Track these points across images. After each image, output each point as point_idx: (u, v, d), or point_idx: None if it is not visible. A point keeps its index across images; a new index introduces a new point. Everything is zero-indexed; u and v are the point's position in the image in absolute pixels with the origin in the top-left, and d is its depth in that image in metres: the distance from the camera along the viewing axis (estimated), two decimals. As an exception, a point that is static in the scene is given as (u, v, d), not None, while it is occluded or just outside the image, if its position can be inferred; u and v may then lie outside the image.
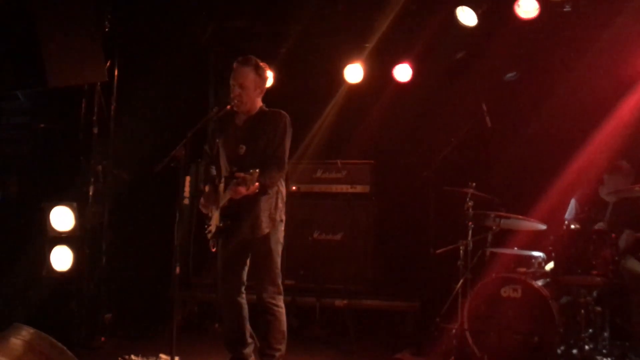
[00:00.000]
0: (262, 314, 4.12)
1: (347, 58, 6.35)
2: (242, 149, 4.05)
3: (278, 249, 4.14)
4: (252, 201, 4.01)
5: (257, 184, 3.85)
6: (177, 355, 3.89)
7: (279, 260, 4.15)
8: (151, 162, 4.17)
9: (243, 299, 4.22)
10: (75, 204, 5.15)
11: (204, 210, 4.25)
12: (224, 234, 4.10)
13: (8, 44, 5.01)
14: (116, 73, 5.67)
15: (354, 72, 6.38)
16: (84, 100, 5.46)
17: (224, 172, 4.14)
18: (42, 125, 5.67)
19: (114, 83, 5.66)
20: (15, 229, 5.54)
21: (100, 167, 5.51)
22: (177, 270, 3.97)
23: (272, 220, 4.09)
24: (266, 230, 4.06)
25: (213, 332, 5.85)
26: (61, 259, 5.12)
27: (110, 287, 5.67)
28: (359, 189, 6.27)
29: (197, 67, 6.71)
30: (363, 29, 6.17)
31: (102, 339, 5.37)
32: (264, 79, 4.14)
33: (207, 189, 4.23)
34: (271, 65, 6.32)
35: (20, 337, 3.69)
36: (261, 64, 4.14)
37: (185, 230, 6.19)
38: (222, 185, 4.10)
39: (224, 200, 4.03)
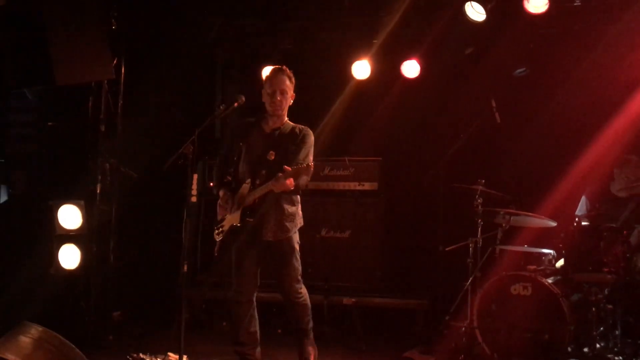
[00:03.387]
0: (291, 308, 4.33)
1: (354, 54, 6.32)
2: (272, 154, 4.21)
3: (297, 248, 4.33)
4: (276, 205, 4.19)
5: (292, 180, 4.01)
6: (185, 354, 3.88)
7: (299, 257, 4.33)
8: (158, 159, 4.16)
9: (254, 299, 4.33)
10: (82, 202, 5.15)
11: (220, 214, 4.32)
12: (238, 233, 4.17)
13: (16, 42, 5.02)
14: (123, 71, 5.66)
15: (361, 69, 6.34)
16: (91, 98, 5.46)
17: (246, 176, 4.23)
18: (49, 123, 5.68)
19: (121, 81, 5.66)
20: (23, 227, 5.55)
21: (107, 165, 5.51)
22: (185, 268, 3.96)
23: (295, 226, 4.30)
24: (290, 234, 4.25)
25: (221, 330, 5.84)
26: (69, 257, 5.12)
27: (118, 285, 5.67)
28: (367, 186, 6.24)
29: (204, 64, 6.70)
30: (371, 25, 6.15)
31: (110, 337, 5.38)
32: (294, 88, 4.35)
33: (221, 193, 4.32)
34: (278, 62, 6.32)
35: (29, 335, 3.70)
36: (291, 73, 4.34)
37: (193, 228, 6.18)
38: (246, 186, 4.18)
39: (251, 197, 4.13)
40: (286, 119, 4.38)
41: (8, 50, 5.05)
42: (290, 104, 4.36)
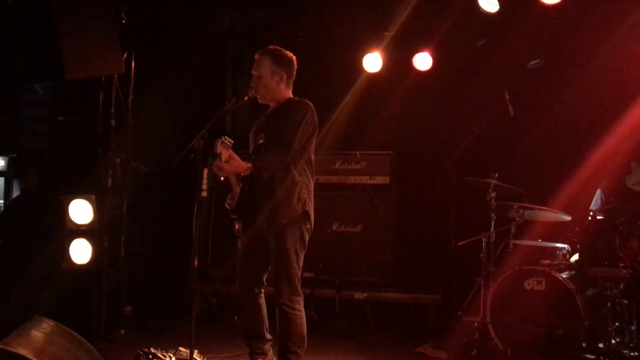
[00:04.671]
0: (279, 316, 3.92)
1: (366, 47, 6.28)
2: (262, 137, 3.95)
3: (296, 248, 3.87)
4: (268, 191, 3.86)
5: (249, 164, 3.74)
6: (195, 348, 3.88)
7: (297, 260, 3.88)
8: (169, 154, 4.15)
9: (261, 297, 4.07)
10: (93, 197, 5.16)
11: (229, 207, 4.07)
12: (242, 227, 3.98)
13: (26, 37, 5.03)
14: (133, 65, 5.66)
15: (373, 61, 6.30)
16: (101, 92, 5.46)
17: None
18: (60, 118, 5.69)
19: (131, 75, 5.66)
20: (35, 222, 5.58)
21: (118, 160, 5.51)
22: (196, 262, 3.95)
23: (292, 212, 3.84)
24: (283, 222, 3.82)
25: (232, 324, 5.84)
26: (80, 251, 5.13)
27: (129, 279, 5.69)
28: (378, 180, 6.21)
29: (215, 58, 6.69)
30: (382, 17, 6.10)
31: (122, 331, 5.39)
32: (284, 67, 4.01)
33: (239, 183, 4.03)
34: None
35: (41, 330, 3.71)
36: (284, 52, 4.04)
37: (204, 222, 6.18)
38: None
39: (236, 188, 3.94)
40: (287, 97, 4.03)
41: (18, 45, 5.06)
42: (281, 85, 3.99)
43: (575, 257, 4.94)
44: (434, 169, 6.04)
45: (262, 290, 4.09)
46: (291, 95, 4.11)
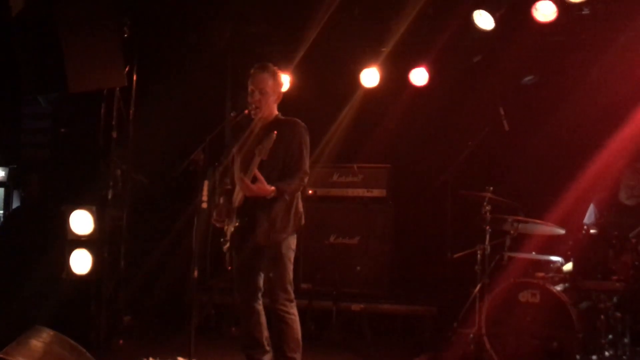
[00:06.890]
0: (274, 322, 4.05)
1: (363, 62, 6.37)
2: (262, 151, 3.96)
3: (290, 255, 4.08)
4: (268, 206, 3.98)
5: (273, 188, 3.85)
6: (194, 358, 3.91)
7: (290, 266, 4.08)
8: (169, 166, 4.21)
9: (260, 306, 4.18)
10: (94, 208, 5.21)
11: (217, 225, 4.19)
12: (239, 239, 4.06)
13: (30, 49, 5.09)
14: (135, 78, 5.72)
15: (370, 76, 6.39)
16: (103, 105, 5.52)
17: (237, 179, 4.07)
18: (62, 129, 5.74)
19: (133, 88, 5.72)
20: (36, 232, 5.61)
21: (119, 171, 5.56)
22: (195, 273, 4.00)
23: (289, 227, 4.03)
24: (282, 237, 4.01)
25: (230, 335, 5.87)
26: (80, 262, 5.17)
27: (129, 289, 5.72)
28: (375, 192, 6.28)
29: (215, 72, 6.76)
30: (379, 33, 6.18)
31: (121, 341, 5.41)
32: (280, 86, 4.17)
33: (222, 200, 4.16)
34: (287, 70, 6.38)
35: (41, 339, 3.75)
36: (278, 70, 4.18)
37: (203, 234, 6.21)
38: (236, 190, 4.07)
39: (237, 199, 4.00)
40: (275, 114, 4.16)
41: (22, 58, 5.12)
42: (276, 103, 4.14)
43: (568, 266, 5.00)
44: (430, 182, 6.09)
45: (260, 299, 4.19)
46: (277, 112, 4.20)
